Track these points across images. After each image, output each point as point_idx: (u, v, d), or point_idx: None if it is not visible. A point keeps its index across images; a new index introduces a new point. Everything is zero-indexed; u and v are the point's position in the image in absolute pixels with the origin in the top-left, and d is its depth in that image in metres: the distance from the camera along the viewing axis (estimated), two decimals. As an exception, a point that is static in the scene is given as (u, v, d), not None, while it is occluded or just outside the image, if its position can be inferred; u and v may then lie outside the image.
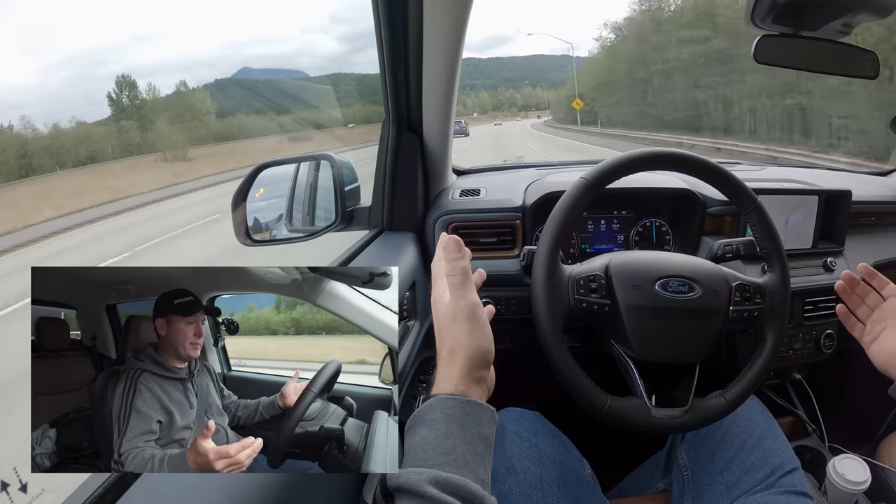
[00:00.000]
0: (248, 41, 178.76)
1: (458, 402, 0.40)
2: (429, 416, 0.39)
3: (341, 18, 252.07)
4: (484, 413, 0.41)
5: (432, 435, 0.38)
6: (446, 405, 0.40)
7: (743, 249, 0.71)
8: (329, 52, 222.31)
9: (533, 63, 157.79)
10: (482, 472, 0.38)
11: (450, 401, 0.40)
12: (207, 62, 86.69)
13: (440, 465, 0.36)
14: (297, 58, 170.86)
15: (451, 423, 0.39)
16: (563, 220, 0.63)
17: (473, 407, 0.40)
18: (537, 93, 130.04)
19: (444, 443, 0.38)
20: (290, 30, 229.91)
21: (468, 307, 0.43)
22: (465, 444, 0.38)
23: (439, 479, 0.35)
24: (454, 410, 0.39)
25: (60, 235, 7.73)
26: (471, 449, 0.38)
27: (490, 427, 0.41)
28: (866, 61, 0.78)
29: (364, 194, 0.91)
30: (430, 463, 0.36)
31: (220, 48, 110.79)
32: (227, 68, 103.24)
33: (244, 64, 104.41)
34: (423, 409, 0.40)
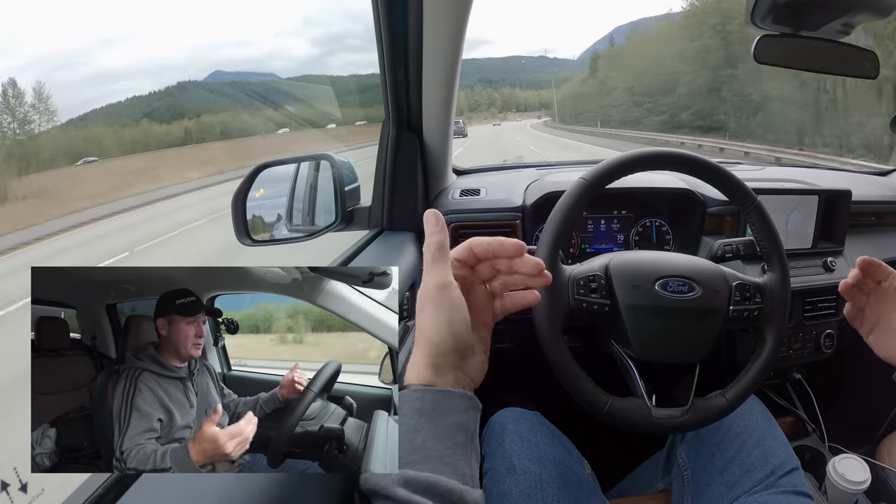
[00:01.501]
0: (220, 44, 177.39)
1: (427, 393, 0.37)
2: (400, 410, 0.37)
3: (315, 21, 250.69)
4: (458, 401, 0.38)
5: (402, 431, 0.36)
6: (414, 397, 0.37)
7: (743, 249, 0.71)
8: (302, 54, 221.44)
9: (510, 64, 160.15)
10: (461, 465, 0.36)
11: (418, 392, 0.37)
12: (177, 66, 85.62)
13: (410, 463, 0.34)
14: (269, 61, 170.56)
15: (420, 417, 0.36)
16: (562, 220, 0.63)
17: (444, 396, 0.38)
18: (517, 93, 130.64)
19: (414, 438, 0.35)
20: (263, 32, 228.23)
21: (434, 287, 0.39)
22: (437, 437, 0.36)
23: (408, 479, 0.33)
24: (423, 403, 0.37)
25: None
26: (444, 441, 0.36)
27: (468, 414, 0.38)
28: (866, 61, 0.78)
29: (364, 194, 0.91)
30: (401, 462, 0.34)
31: (191, 51, 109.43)
32: (198, 72, 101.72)
33: (216, 67, 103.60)
34: (398, 404, 0.38)
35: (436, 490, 0.33)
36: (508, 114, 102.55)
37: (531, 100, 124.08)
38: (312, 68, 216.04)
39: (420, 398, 0.37)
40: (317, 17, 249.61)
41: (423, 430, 0.36)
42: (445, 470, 0.35)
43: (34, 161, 20.23)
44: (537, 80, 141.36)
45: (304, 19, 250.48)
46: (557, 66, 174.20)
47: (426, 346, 0.39)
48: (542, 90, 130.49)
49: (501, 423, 0.68)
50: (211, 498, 0.34)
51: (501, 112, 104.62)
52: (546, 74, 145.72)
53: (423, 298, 0.40)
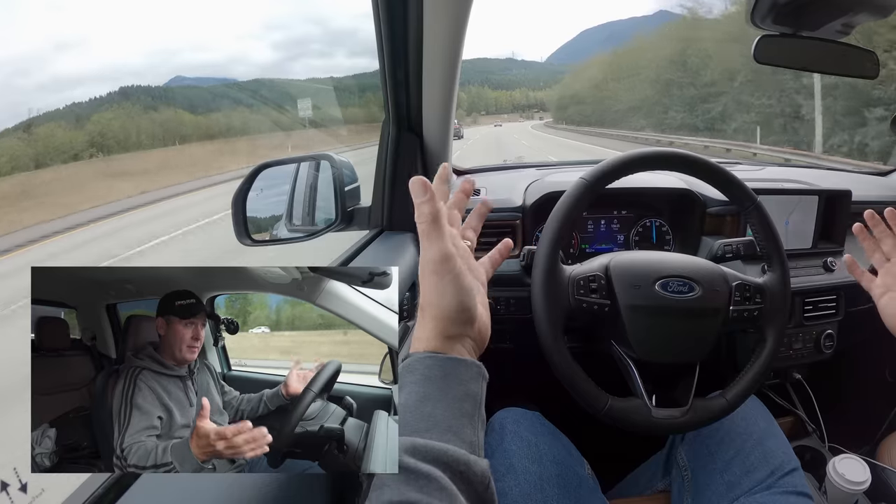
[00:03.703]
0: (179, 49, 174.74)
1: (437, 361, 0.37)
2: (407, 377, 0.36)
3: (276, 25, 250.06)
4: (468, 369, 0.37)
5: (411, 398, 0.35)
6: (424, 364, 0.36)
7: (743, 249, 0.71)
8: (263, 59, 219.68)
9: (477, 66, 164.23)
10: (469, 434, 0.35)
11: (428, 360, 0.37)
12: (135, 71, 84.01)
13: (418, 430, 0.34)
14: (230, 66, 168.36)
15: (430, 384, 0.36)
16: (563, 219, 0.63)
17: (454, 363, 0.37)
18: (486, 92, 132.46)
19: (423, 406, 0.35)
20: (223, 37, 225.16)
21: (435, 259, 0.38)
22: (447, 405, 0.35)
23: (416, 447, 0.32)
24: (433, 371, 0.36)
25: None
26: (453, 410, 0.35)
27: (477, 383, 0.38)
28: (866, 61, 0.78)
29: (364, 194, 0.91)
30: (408, 429, 0.34)
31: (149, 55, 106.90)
32: (157, 77, 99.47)
33: (176, 72, 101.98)
34: (402, 371, 0.37)
35: (443, 459, 0.32)
36: (479, 117, 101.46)
37: (502, 100, 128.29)
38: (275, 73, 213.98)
39: (430, 365, 0.36)
40: (278, 21, 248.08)
41: (433, 398, 0.35)
42: (453, 439, 0.34)
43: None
44: (507, 80, 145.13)
45: (266, 23, 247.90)
46: (525, 67, 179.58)
47: (434, 319, 0.38)
48: (515, 91, 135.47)
49: (501, 423, 0.68)
50: (211, 498, 0.34)
51: (470, 115, 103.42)
52: (513, 76, 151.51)
53: (425, 271, 0.39)
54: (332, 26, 18.74)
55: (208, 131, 26.28)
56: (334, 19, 22.10)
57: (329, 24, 19.13)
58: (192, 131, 26.88)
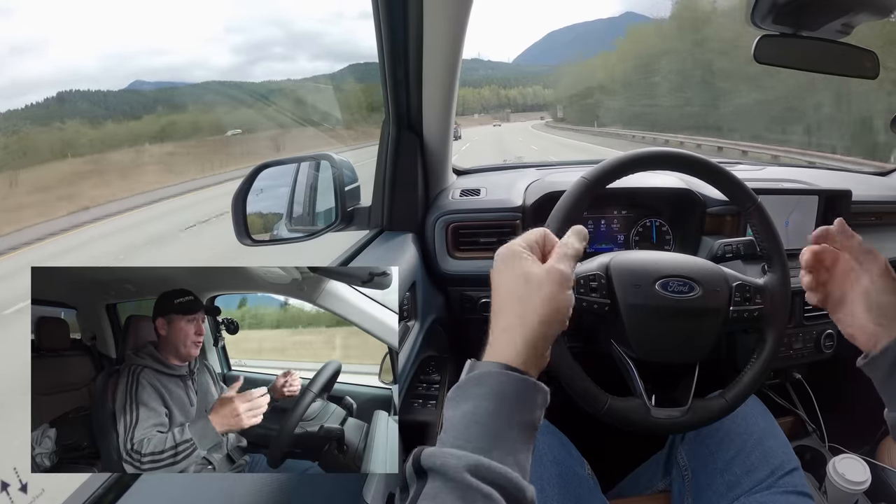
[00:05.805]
0: (137, 52, 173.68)
1: (513, 380, 0.35)
2: (477, 389, 0.35)
3: (237, 28, 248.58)
4: (539, 395, 0.36)
5: (479, 412, 0.33)
6: (500, 380, 0.35)
7: (743, 249, 0.71)
8: (224, 63, 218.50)
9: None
10: (524, 460, 0.34)
11: (504, 375, 0.35)
12: (90, 75, 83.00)
13: (483, 449, 0.32)
14: (191, 70, 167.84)
15: (503, 402, 0.34)
16: (563, 219, 0.62)
17: (529, 387, 0.35)
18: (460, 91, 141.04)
19: (492, 423, 0.33)
20: (183, 40, 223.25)
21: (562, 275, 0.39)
22: (513, 427, 0.34)
23: (481, 466, 0.31)
24: (507, 388, 0.35)
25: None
26: (521, 434, 0.34)
27: (541, 412, 0.36)
28: (866, 61, 0.78)
29: (364, 194, 0.91)
30: (471, 445, 0.32)
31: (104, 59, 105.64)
32: (114, 81, 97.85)
33: (134, 77, 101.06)
34: (472, 379, 0.35)
35: (502, 482, 0.31)
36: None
37: (469, 97, 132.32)
38: (236, 77, 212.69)
39: (506, 382, 0.35)
40: (238, 24, 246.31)
41: (503, 416, 0.34)
42: (512, 463, 0.33)
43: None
44: (474, 79, 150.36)
45: (226, 26, 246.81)
46: (493, 68, 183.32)
47: (532, 329, 0.37)
48: (483, 88, 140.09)
49: None
50: (211, 498, 0.34)
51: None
52: (480, 76, 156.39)
53: (546, 280, 0.39)
54: (294, 29, 18.95)
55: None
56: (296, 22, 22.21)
57: (292, 26, 19.32)
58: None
